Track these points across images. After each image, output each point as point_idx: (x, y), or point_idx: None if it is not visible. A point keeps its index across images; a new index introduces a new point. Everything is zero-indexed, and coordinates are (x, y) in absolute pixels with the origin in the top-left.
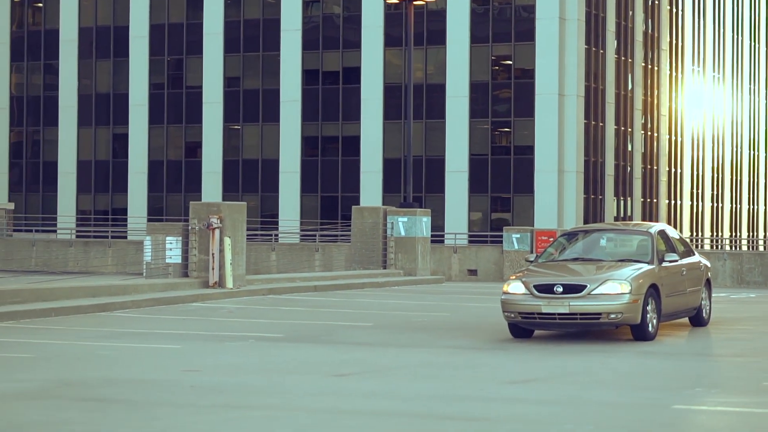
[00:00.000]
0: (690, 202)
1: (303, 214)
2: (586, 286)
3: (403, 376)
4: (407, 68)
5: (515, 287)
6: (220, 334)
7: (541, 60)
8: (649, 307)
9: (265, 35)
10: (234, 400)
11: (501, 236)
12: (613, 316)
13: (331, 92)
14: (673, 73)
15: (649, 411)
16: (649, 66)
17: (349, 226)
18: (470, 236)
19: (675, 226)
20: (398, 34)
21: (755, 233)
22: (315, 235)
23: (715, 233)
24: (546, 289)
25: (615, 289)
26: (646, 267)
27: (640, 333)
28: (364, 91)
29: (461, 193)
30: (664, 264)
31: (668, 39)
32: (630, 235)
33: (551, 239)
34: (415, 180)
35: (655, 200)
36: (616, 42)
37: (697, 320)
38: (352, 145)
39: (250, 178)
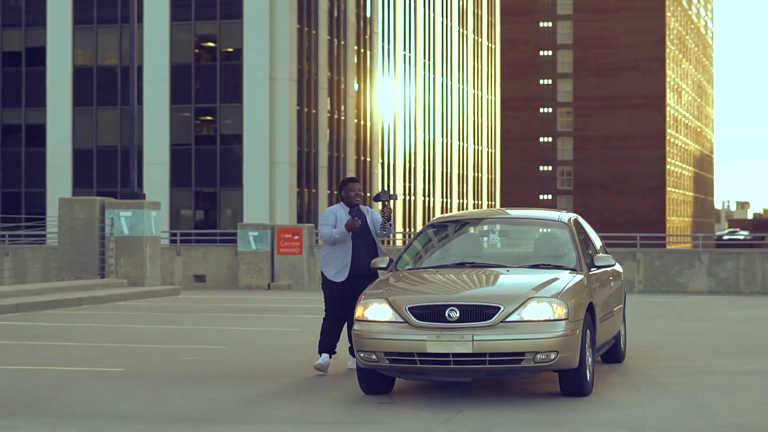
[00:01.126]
0: (403, 196)
1: None
2: (499, 309)
3: None
4: (133, 47)
5: (377, 311)
6: None
7: (250, 40)
8: (587, 342)
9: None
10: None
11: (234, 234)
12: (541, 356)
13: (13, 75)
14: (385, 59)
15: None
16: (362, 50)
17: (42, 225)
18: (182, 234)
19: None
20: (89, 9)
21: None
22: (4, 237)
23: None
24: (431, 313)
25: (544, 312)
26: (573, 276)
27: (575, 384)
28: (50, 74)
29: (162, 188)
30: (593, 271)
31: (380, 21)
32: (535, 226)
33: (296, 236)
34: (109, 173)
35: (368, 194)
36: (328, 22)
37: (614, 354)
38: (38, 134)
39: None
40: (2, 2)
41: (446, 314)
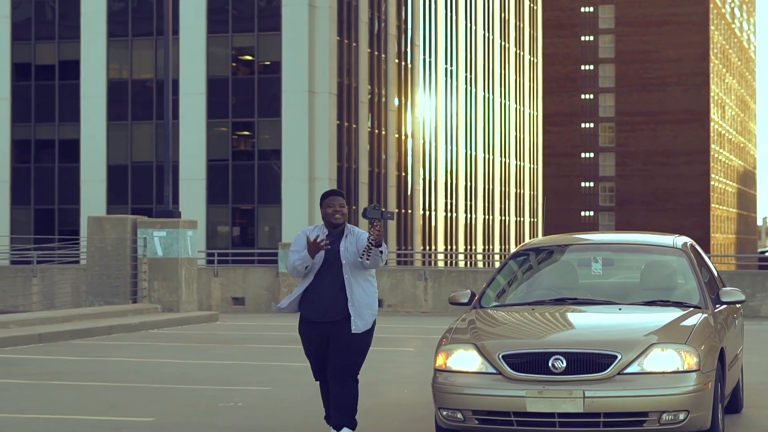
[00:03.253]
0: (444, 213)
1: (14, 231)
2: (615, 358)
3: None
4: (167, 61)
5: (463, 359)
6: None
7: (289, 53)
8: (719, 396)
9: None
10: None
11: (275, 254)
12: (668, 417)
13: (47, 89)
14: (427, 72)
15: None
16: (403, 62)
17: (75, 243)
18: (219, 254)
19: (430, 240)
20: (123, 22)
21: (505, 245)
22: (32, 257)
23: (469, 247)
24: (531, 363)
25: (671, 362)
26: (700, 316)
27: None
28: (84, 88)
29: (198, 204)
30: (718, 308)
31: (421, 33)
32: (645, 254)
33: None
34: (145, 190)
35: (410, 211)
36: (369, 34)
37: (733, 403)
38: (71, 149)
39: None
40: (36, 15)
41: (550, 364)
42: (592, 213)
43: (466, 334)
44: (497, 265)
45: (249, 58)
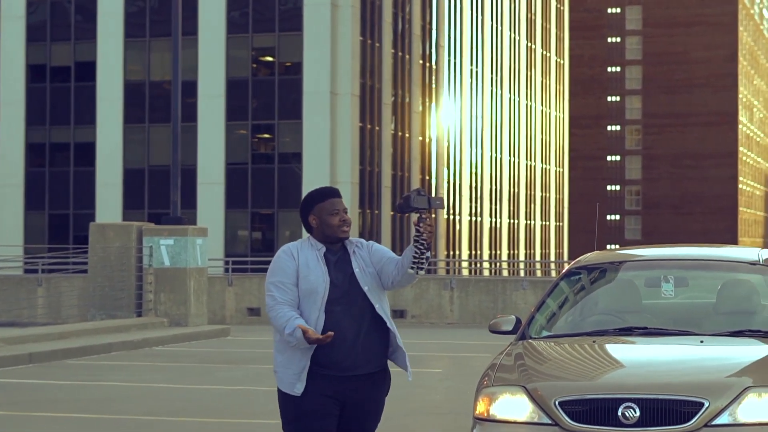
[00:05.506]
0: (469, 218)
1: (27, 237)
2: (701, 406)
3: None
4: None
5: (510, 406)
6: None
7: (310, 53)
8: None
9: None
10: None
11: None
12: None
13: (62, 91)
14: (452, 73)
15: None
16: (427, 64)
17: (86, 251)
18: (234, 262)
19: (454, 245)
20: (141, 23)
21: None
22: (37, 265)
23: (493, 252)
24: (595, 411)
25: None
26: None
27: None
28: (100, 90)
29: (216, 209)
30: None
31: (446, 34)
32: (725, 271)
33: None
34: (162, 194)
35: (433, 215)
36: (392, 34)
37: None
38: (87, 153)
39: None
40: (51, 15)
41: (619, 413)
42: (618, 217)
43: (513, 374)
44: (522, 273)
45: (269, 59)
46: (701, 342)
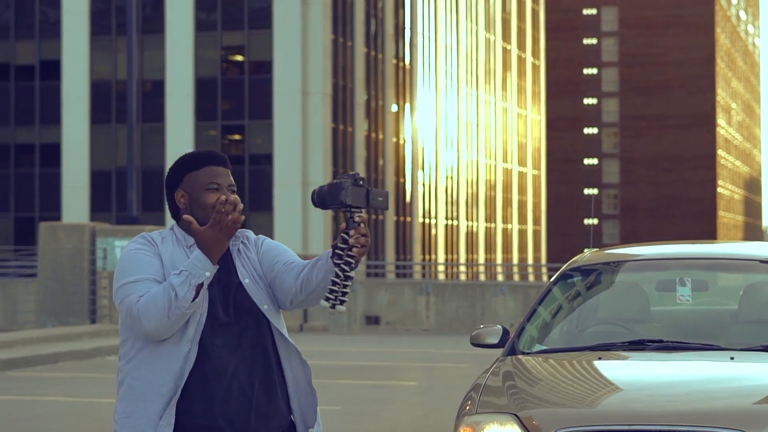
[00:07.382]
0: (445, 221)
1: None
2: None
3: None
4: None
5: None
6: None
7: (281, 52)
8: None
9: None
10: None
11: None
12: None
13: (26, 90)
14: (426, 74)
15: None
16: (401, 63)
17: (34, 252)
18: None
19: (430, 250)
20: (106, 20)
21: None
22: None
23: (470, 256)
24: None
25: None
26: None
27: None
28: (66, 89)
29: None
30: None
31: (420, 34)
32: (747, 272)
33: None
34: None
35: (408, 219)
36: (365, 33)
37: None
38: (53, 154)
39: None
40: (15, 13)
41: None
42: (596, 221)
43: (501, 398)
44: (500, 277)
45: (239, 57)
46: (731, 359)
